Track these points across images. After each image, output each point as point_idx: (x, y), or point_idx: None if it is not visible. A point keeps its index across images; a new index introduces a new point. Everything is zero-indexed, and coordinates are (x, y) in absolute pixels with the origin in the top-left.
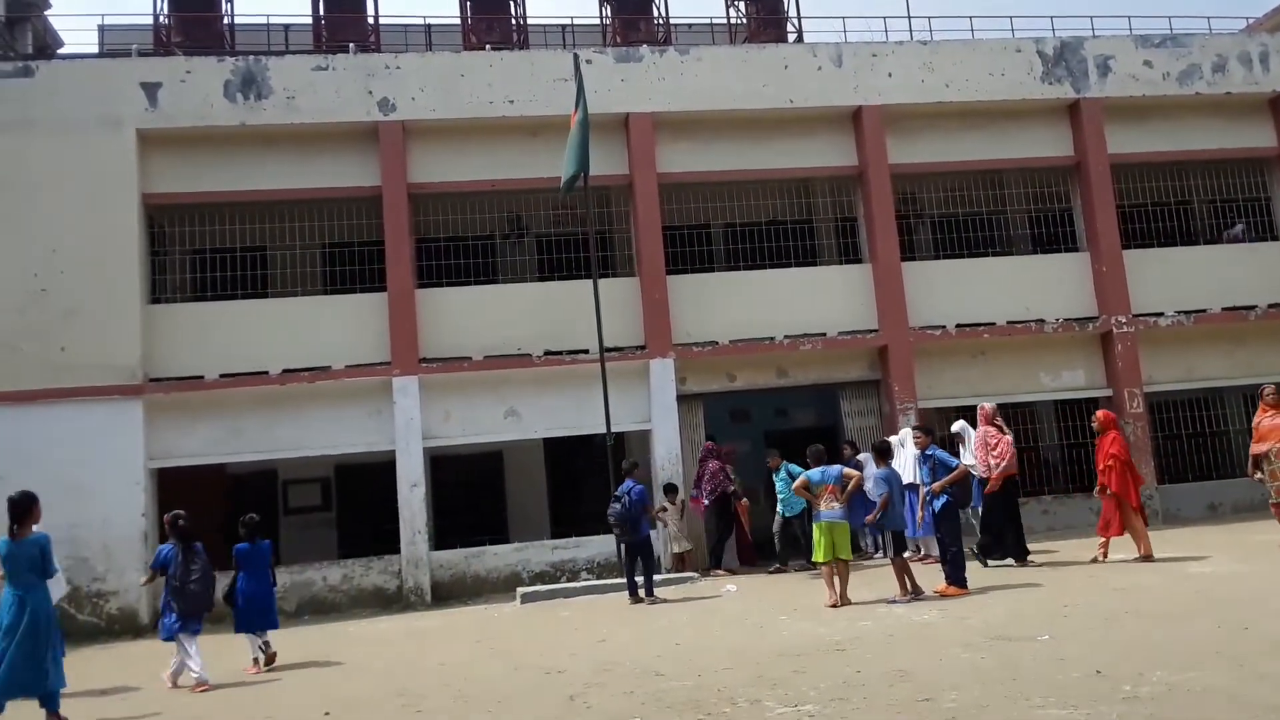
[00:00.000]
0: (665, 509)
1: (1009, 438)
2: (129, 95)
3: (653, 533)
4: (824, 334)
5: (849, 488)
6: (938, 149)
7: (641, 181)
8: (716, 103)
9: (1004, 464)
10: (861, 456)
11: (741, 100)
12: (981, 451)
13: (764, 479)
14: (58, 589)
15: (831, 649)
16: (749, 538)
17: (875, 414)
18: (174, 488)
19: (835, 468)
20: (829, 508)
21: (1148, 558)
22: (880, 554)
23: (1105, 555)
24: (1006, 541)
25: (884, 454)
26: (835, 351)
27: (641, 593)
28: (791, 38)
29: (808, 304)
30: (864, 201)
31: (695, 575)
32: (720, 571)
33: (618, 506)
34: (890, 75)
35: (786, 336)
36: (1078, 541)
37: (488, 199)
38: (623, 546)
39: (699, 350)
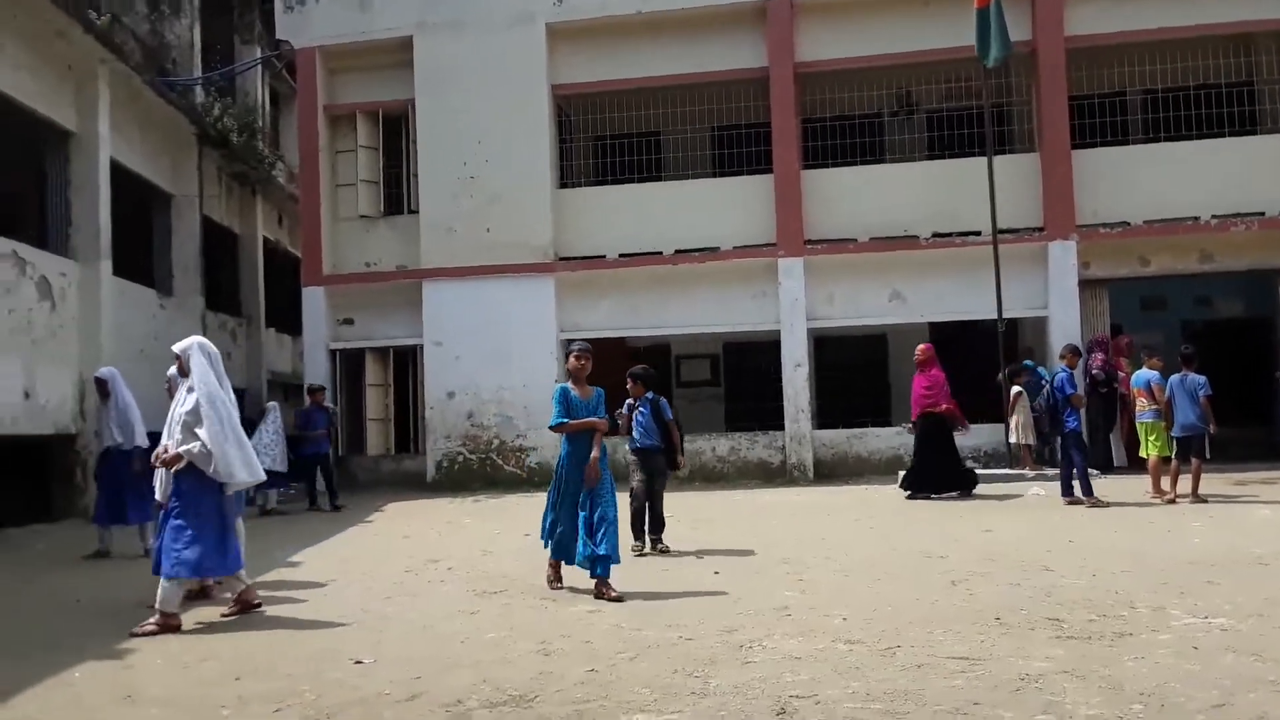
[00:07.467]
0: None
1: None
2: None
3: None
4: (1262, 213)
5: None
6: None
7: (1047, 47)
8: None
9: None
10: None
11: None
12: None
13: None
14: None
15: (1253, 563)
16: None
17: None
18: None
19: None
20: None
21: None
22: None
23: None
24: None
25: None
26: (1276, 233)
27: (1079, 490)
28: None
29: (1242, 179)
30: None
31: (1097, 473)
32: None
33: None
34: None
35: (1214, 216)
36: None
37: (876, 75)
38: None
39: (1106, 232)
